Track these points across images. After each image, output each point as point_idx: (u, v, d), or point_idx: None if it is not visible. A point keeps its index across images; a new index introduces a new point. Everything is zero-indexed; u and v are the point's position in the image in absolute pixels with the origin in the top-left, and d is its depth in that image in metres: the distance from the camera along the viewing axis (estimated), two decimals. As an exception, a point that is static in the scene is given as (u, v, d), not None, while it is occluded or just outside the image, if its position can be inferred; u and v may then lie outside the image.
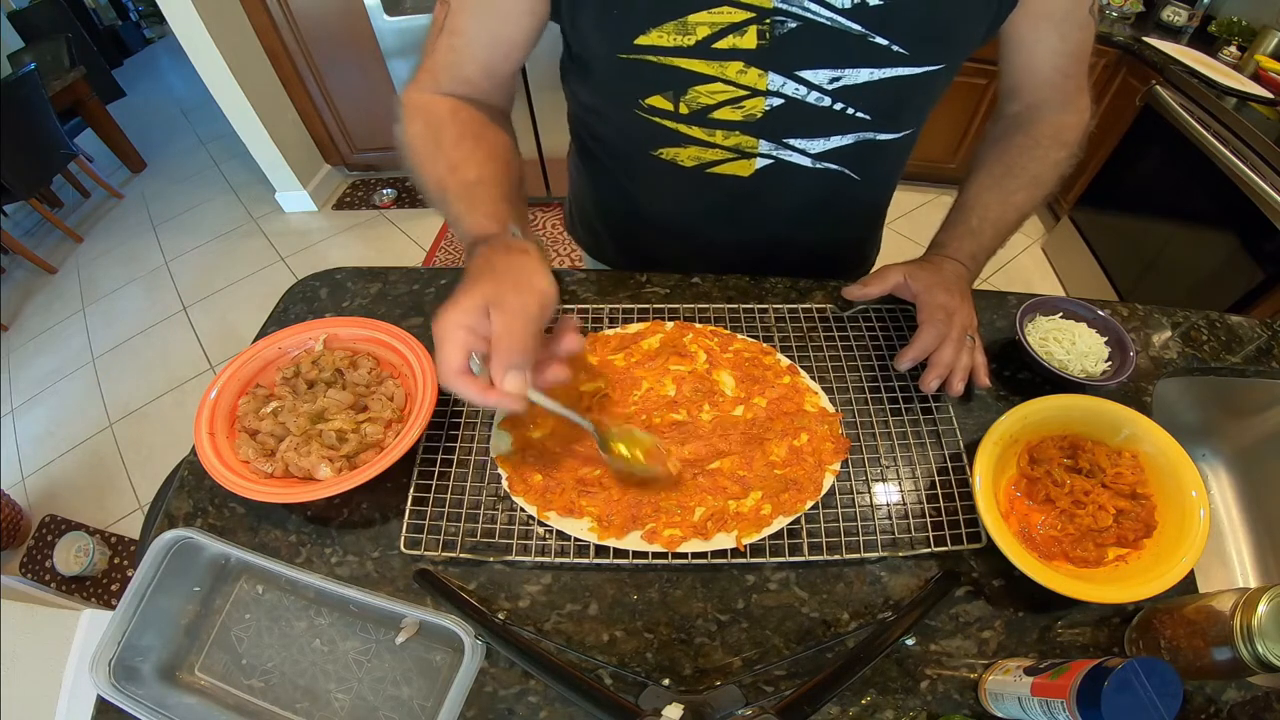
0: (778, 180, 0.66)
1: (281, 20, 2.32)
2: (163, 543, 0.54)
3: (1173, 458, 0.55)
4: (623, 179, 0.75)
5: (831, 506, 0.59)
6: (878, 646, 0.48)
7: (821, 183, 0.67)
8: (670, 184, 0.70)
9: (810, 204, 0.70)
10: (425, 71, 0.62)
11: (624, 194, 0.77)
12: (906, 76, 0.57)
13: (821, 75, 0.56)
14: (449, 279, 0.80)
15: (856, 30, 0.53)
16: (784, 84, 0.57)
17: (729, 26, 0.53)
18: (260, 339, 0.70)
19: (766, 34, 0.53)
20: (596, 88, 0.65)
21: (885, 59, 0.55)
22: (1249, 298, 1.54)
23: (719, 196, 0.69)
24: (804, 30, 0.53)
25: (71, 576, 1.70)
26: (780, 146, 0.63)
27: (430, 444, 0.63)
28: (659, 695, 0.46)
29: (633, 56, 0.56)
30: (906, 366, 0.63)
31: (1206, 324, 0.74)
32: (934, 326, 0.61)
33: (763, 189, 0.67)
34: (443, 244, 2.59)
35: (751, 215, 0.72)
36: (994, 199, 0.68)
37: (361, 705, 0.52)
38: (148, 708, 0.48)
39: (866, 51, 0.54)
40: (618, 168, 0.74)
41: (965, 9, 0.55)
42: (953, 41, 0.56)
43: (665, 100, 0.60)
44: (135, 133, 3.38)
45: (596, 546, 0.56)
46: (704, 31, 0.53)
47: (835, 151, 0.64)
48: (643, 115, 0.62)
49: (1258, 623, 0.41)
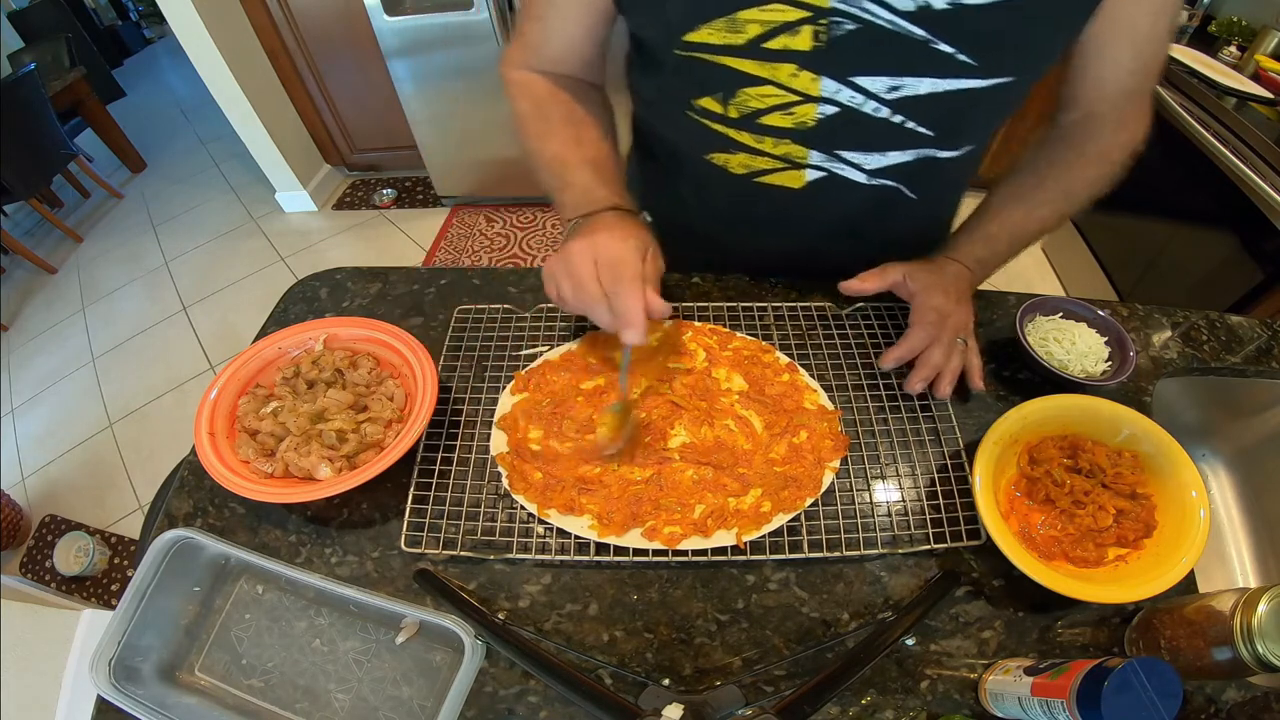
0: (829, 195, 0.64)
1: (281, 20, 2.32)
2: (163, 543, 0.54)
3: (1173, 458, 0.55)
4: (677, 181, 0.74)
5: (831, 504, 0.59)
6: (878, 646, 0.48)
7: (876, 200, 0.64)
8: (720, 191, 0.68)
9: (863, 221, 0.67)
10: (517, 48, 0.66)
11: (677, 197, 0.75)
12: (973, 89, 0.52)
13: (880, 83, 0.53)
14: (449, 279, 0.80)
15: (919, 35, 0.49)
16: (838, 90, 0.54)
17: (781, 25, 0.50)
18: (260, 339, 0.70)
19: (822, 35, 0.50)
20: (652, 86, 0.66)
21: (950, 69, 0.51)
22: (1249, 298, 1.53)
23: (769, 207, 0.68)
24: (862, 33, 0.49)
25: (71, 576, 1.70)
26: (832, 159, 0.60)
27: (430, 443, 0.63)
28: (659, 695, 0.46)
29: (685, 54, 0.55)
30: (890, 366, 0.62)
31: (1206, 324, 0.74)
32: (924, 328, 0.61)
33: (813, 202, 0.65)
34: (442, 244, 2.60)
35: (801, 229, 0.70)
36: (1019, 208, 0.66)
37: (361, 705, 0.52)
38: (148, 708, 0.48)
39: (930, 59, 0.50)
40: (673, 170, 0.73)
41: (1043, 16, 0.49)
42: (1027, 52, 0.52)
43: (715, 102, 0.59)
44: (135, 133, 3.38)
45: (596, 544, 0.56)
46: (755, 30, 0.51)
47: (893, 169, 0.61)
48: (695, 118, 0.62)
49: (1258, 623, 0.41)
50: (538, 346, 0.71)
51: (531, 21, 0.64)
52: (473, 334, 0.73)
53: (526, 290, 0.78)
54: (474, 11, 1.99)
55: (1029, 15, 0.48)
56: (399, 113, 2.35)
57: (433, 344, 0.70)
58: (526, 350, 0.71)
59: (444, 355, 0.71)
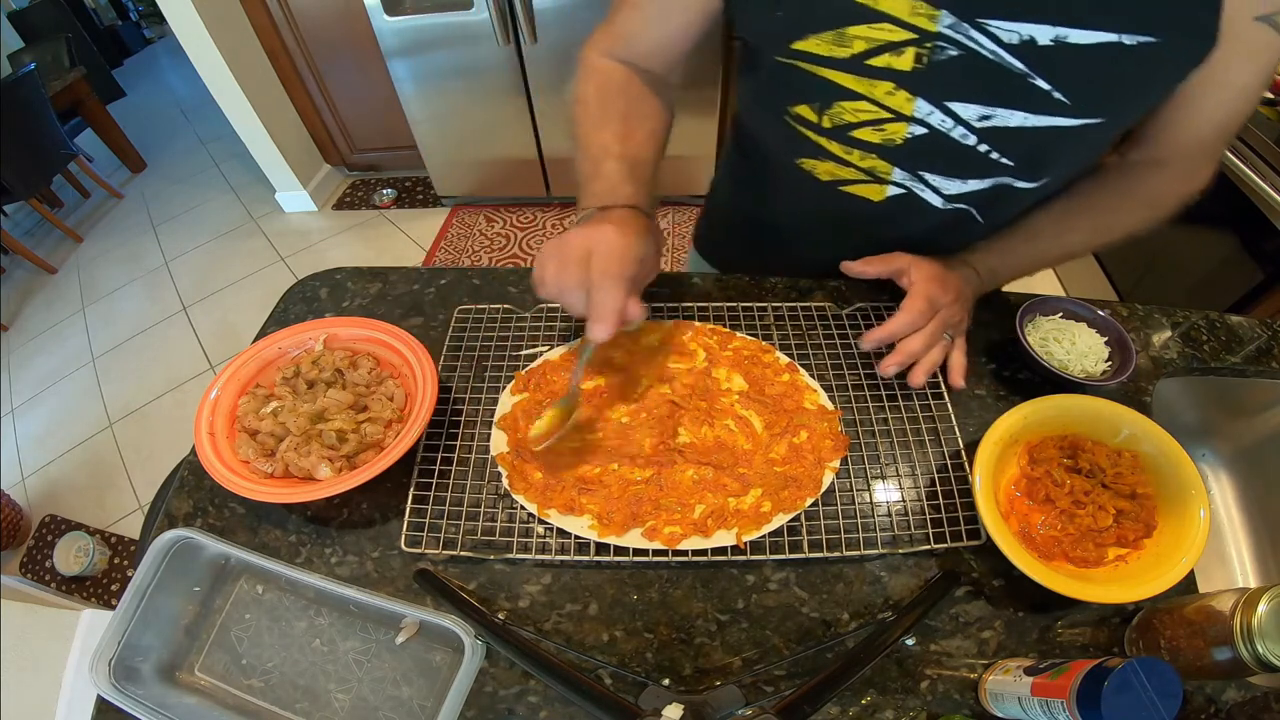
0: (906, 211, 0.65)
1: (281, 20, 2.32)
2: (163, 543, 0.54)
3: (1173, 458, 0.55)
4: (764, 178, 0.75)
5: (831, 504, 0.59)
6: (878, 646, 0.48)
7: (947, 223, 0.65)
8: (804, 194, 0.69)
9: (931, 237, 0.67)
10: (605, 34, 0.65)
11: (762, 193, 0.77)
12: (1062, 127, 0.52)
13: (971, 110, 0.53)
14: (449, 279, 0.80)
15: (1018, 69, 0.49)
16: (931, 113, 0.55)
17: (886, 44, 0.52)
18: (260, 339, 0.70)
19: (924, 58, 0.51)
20: (754, 86, 0.66)
21: (1043, 105, 0.51)
22: (1249, 298, 1.53)
23: (846, 215, 0.68)
24: (963, 60, 0.50)
25: (71, 576, 1.70)
26: (914, 178, 0.61)
27: (430, 443, 0.63)
28: (659, 695, 0.46)
29: (787, 60, 0.57)
30: (869, 347, 0.61)
31: (1206, 324, 0.74)
32: (909, 314, 0.59)
33: (890, 217, 0.66)
34: (442, 244, 2.60)
35: (872, 239, 0.69)
36: (1049, 230, 0.66)
37: (361, 705, 0.52)
38: (148, 708, 0.48)
39: (1024, 93, 0.51)
40: (762, 167, 0.74)
41: (1145, 62, 0.48)
42: (1122, 96, 0.51)
43: (810, 111, 0.60)
44: (135, 133, 3.38)
45: (596, 544, 0.56)
46: (860, 45, 0.52)
47: (970, 195, 0.62)
48: (789, 122, 0.63)
49: (1258, 623, 0.41)
50: (538, 346, 0.71)
51: (628, 9, 0.63)
52: (473, 334, 0.73)
53: (526, 290, 0.78)
54: (474, 11, 1.98)
55: (1130, 60, 0.48)
56: (399, 113, 2.35)
57: (433, 344, 0.70)
58: (527, 350, 0.71)
59: (444, 355, 0.71)
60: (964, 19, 0.49)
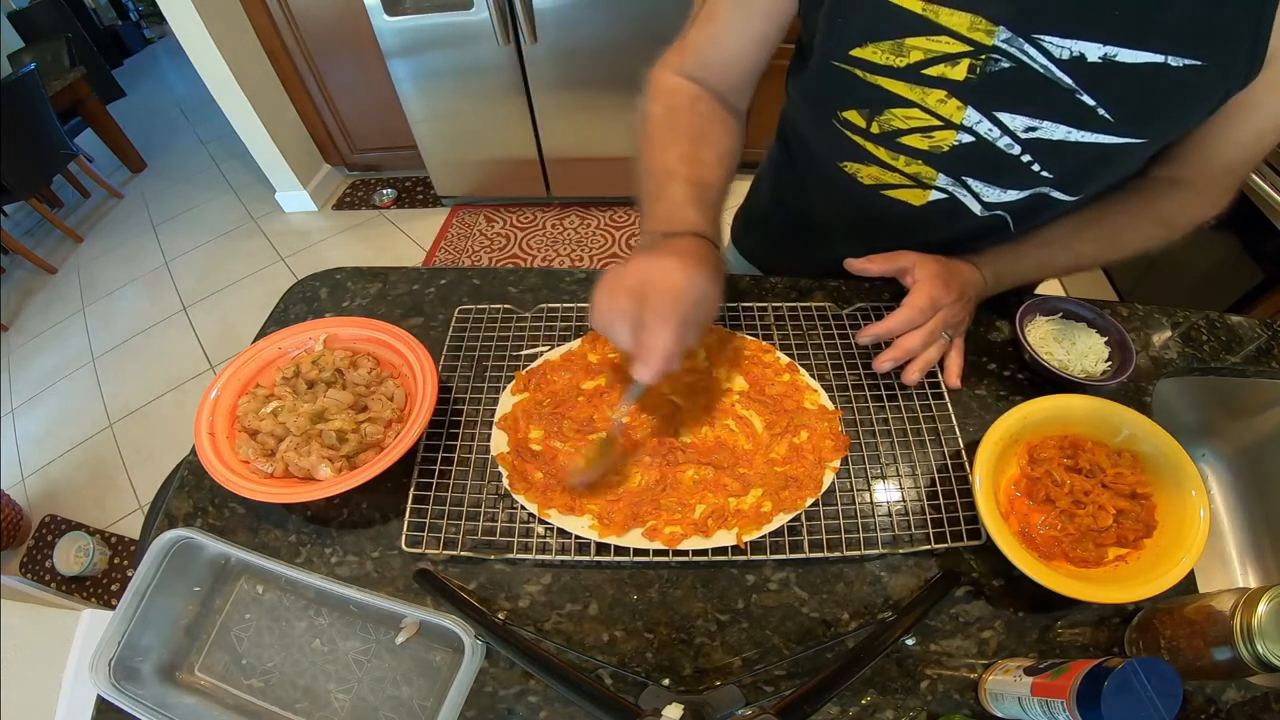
0: (945, 216, 0.65)
1: (281, 20, 2.32)
2: (163, 543, 0.54)
3: (1173, 458, 0.55)
4: (806, 177, 0.75)
5: (831, 504, 0.59)
6: (878, 646, 0.48)
7: (982, 227, 0.66)
8: (845, 196, 0.69)
9: (963, 244, 0.68)
10: (677, 51, 0.65)
11: (803, 191, 0.77)
12: (1104, 144, 0.53)
13: (1019, 121, 0.54)
14: (449, 279, 0.80)
15: (1066, 84, 0.51)
16: (979, 121, 0.56)
17: (943, 56, 0.53)
18: (260, 339, 0.70)
19: (977, 69, 0.52)
20: (806, 88, 0.66)
21: (1087, 121, 0.52)
22: (1249, 298, 1.53)
23: (885, 218, 0.68)
24: (1014, 72, 0.51)
25: (71, 576, 1.70)
26: (958, 184, 0.62)
27: (430, 443, 0.63)
28: (659, 695, 0.46)
29: (842, 66, 0.57)
30: (866, 342, 0.61)
31: (1206, 324, 0.74)
32: (909, 311, 0.59)
33: (928, 222, 0.66)
34: (442, 244, 2.60)
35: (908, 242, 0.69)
36: (1060, 238, 0.66)
37: (361, 705, 0.52)
38: (148, 708, 0.48)
39: (1070, 108, 0.52)
40: (805, 166, 0.74)
41: (1190, 84, 0.49)
42: (1164, 116, 0.52)
43: (860, 117, 0.61)
44: (135, 133, 3.38)
45: (597, 544, 0.56)
46: (917, 55, 0.53)
47: (1008, 204, 0.62)
48: (837, 126, 0.63)
49: (1258, 623, 0.41)
50: (538, 346, 0.71)
51: (702, 23, 0.63)
52: (473, 334, 0.73)
53: (526, 290, 0.78)
54: (474, 11, 1.98)
55: (1176, 81, 0.48)
56: (399, 113, 2.35)
57: (433, 344, 0.70)
58: (527, 350, 0.71)
59: (444, 355, 0.71)
60: (1019, 34, 0.50)
